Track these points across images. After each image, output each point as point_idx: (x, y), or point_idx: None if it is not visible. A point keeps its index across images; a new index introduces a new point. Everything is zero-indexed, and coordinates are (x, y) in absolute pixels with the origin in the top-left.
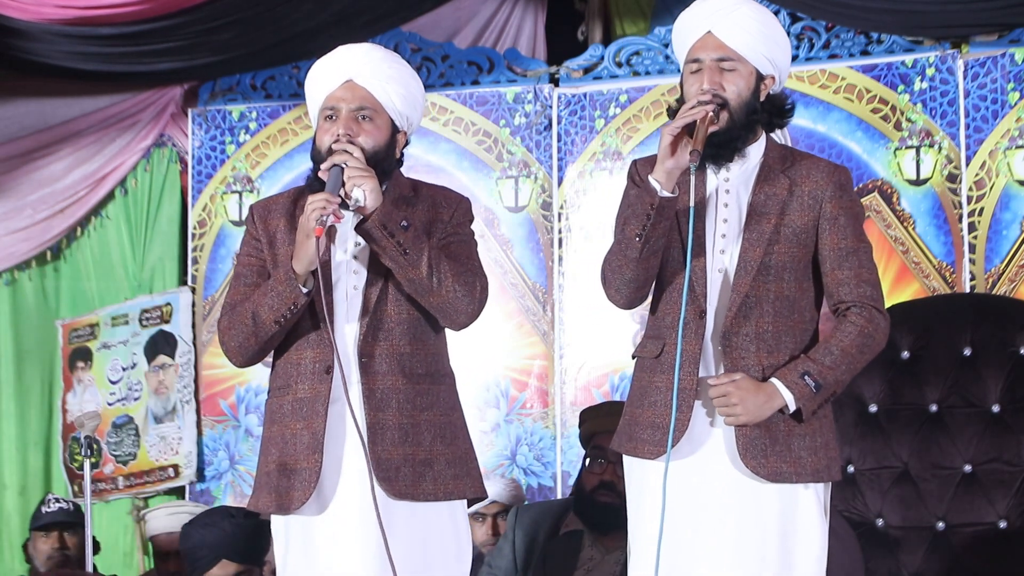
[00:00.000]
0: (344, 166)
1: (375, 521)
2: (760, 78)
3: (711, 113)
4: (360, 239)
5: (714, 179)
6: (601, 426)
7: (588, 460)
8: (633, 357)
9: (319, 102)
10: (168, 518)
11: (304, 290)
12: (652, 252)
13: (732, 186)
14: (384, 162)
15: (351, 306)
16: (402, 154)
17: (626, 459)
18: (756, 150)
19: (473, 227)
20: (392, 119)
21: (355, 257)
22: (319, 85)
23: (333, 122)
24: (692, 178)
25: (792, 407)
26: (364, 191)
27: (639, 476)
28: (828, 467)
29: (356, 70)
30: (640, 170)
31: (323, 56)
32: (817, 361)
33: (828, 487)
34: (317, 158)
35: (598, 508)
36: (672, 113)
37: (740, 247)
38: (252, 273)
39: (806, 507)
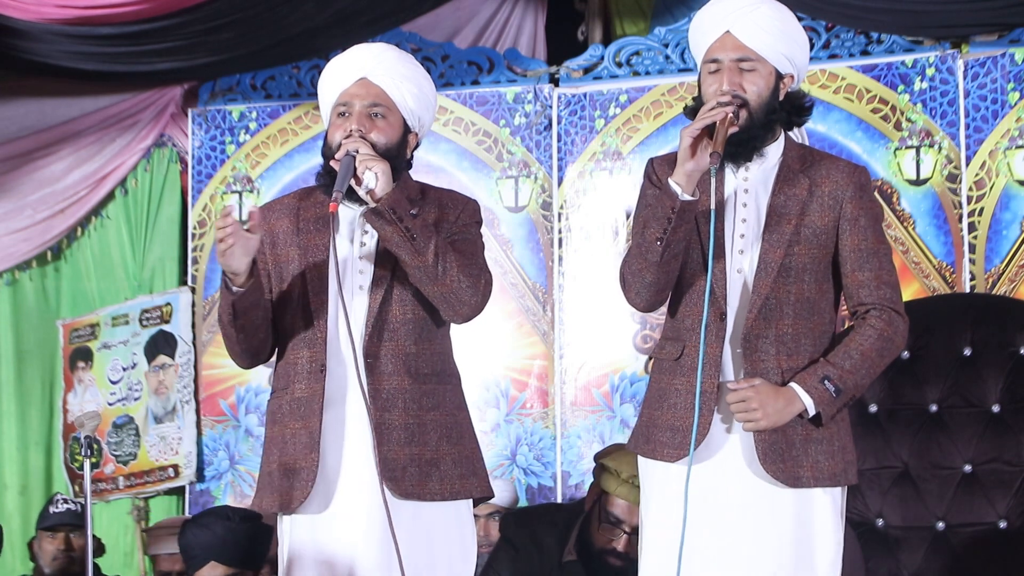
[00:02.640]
0: (356, 153)
1: (381, 521)
2: (779, 77)
3: (731, 114)
4: (365, 239)
5: (733, 180)
6: (612, 488)
7: (600, 522)
8: (650, 358)
9: (332, 99)
10: (171, 539)
11: (234, 289)
12: (673, 255)
13: (751, 186)
14: (394, 160)
15: (357, 305)
16: (411, 156)
17: (642, 460)
18: (775, 150)
19: (481, 230)
20: (404, 118)
21: (361, 257)
22: (333, 82)
23: (346, 118)
24: (712, 180)
25: (812, 412)
26: (376, 173)
27: (655, 478)
28: (845, 471)
29: (371, 68)
30: (657, 169)
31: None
32: (837, 365)
33: (844, 491)
34: (328, 154)
35: (607, 569)
36: (690, 112)
37: (760, 249)
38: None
39: (822, 511)
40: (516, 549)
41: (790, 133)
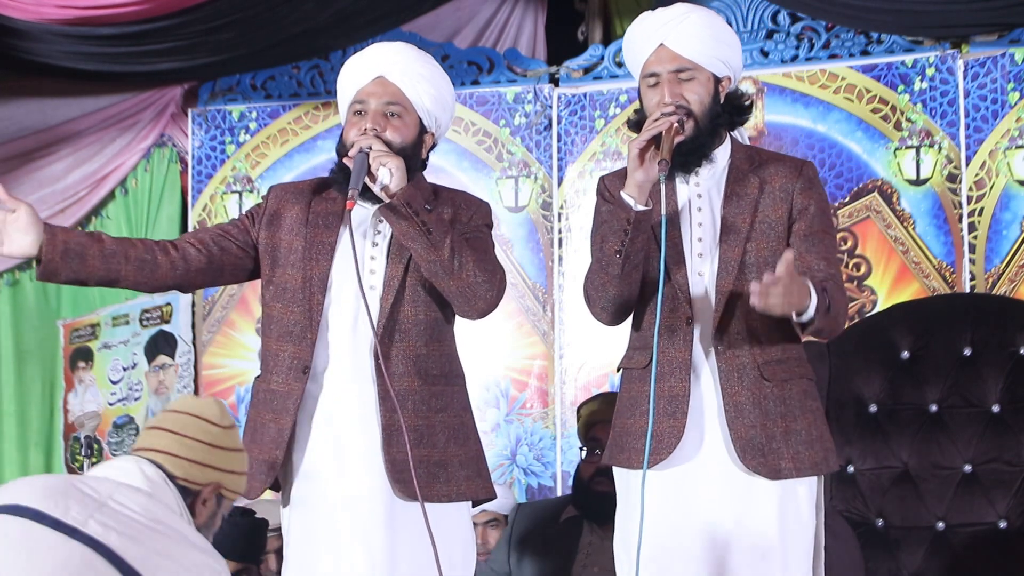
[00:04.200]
0: (369, 149)
1: (381, 521)
2: (717, 81)
3: (675, 124)
4: (378, 239)
5: (685, 188)
6: (599, 415)
7: (585, 451)
8: (618, 369)
9: (349, 97)
10: None
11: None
12: (633, 267)
13: (704, 191)
14: (410, 160)
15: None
16: (427, 156)
17: (617, 471)
18: (722, 153)
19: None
20: (421, 118)
21: (372, 257)
22: (350, 80)
23: (362, 117)
24: (662, 188)
25: (810, 312)
26: (390, 169)
27: (631, 486)
28: (826, 459)
29: (388, 67)
30: (609, 185)
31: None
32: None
33: (822, 480)
34: (342, 152)
35: (595, 497)
36: (634, 126)
37: (719, 250)
38: (219, 234)
39: (803, 502)
40: (506, 536)
41: (733, 134)
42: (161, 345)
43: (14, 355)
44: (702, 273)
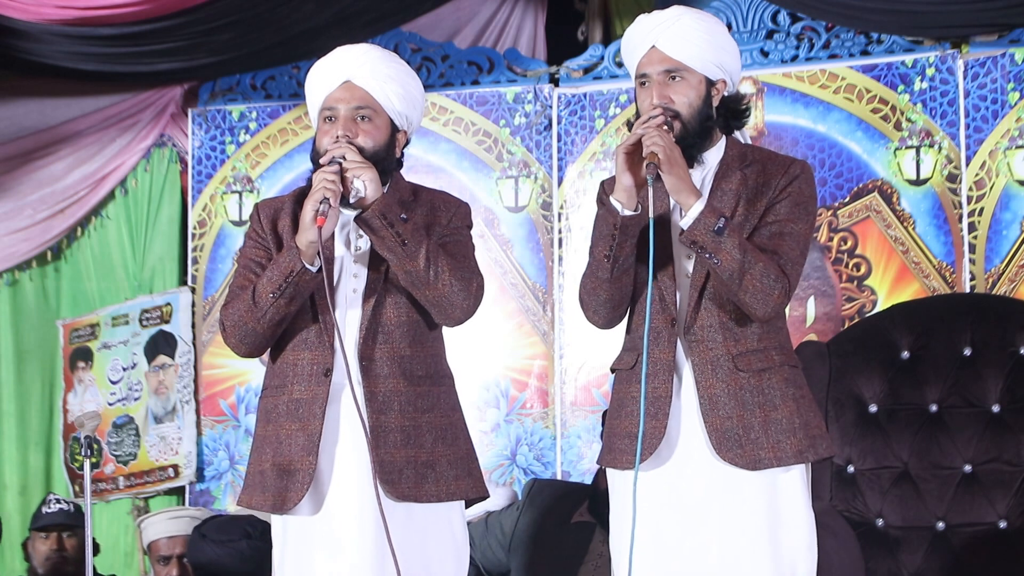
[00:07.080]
0: (342, 160)
1: (372, 523)
2: (710, 84)
3: (664, 126)
4: (360, 244)
5: None
6: None
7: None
8: (612, 371)
9: (318, 104)
10: (167, 523)
11: (307, 266)
12: (623, 271)
13: None
14: (384, 162)
15: (351, 309)
16: (402, 154)
17: (608, 472)
18: (714, 154)
19: (473, 231)
20: (391, 119)
21: (355, 261)
22: (318, 87)
23: (332, 123)
24: (650, 191)
25: (698, 208)
26: (364, 181)
27: (620, 486)
28: (812, 446)
29: (354, 70)
30: (607, 190)
31: (322, 57)
32: (735, 228)
33: (809, 468)
34: (316, 160)
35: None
36: (631, 129)
37: None
38: (257, 266)
39: (790, 493)
40: (517, 507)
41: (736, 135)
42: (161, 345)
43: (14, 355)
44: (689, 274)
